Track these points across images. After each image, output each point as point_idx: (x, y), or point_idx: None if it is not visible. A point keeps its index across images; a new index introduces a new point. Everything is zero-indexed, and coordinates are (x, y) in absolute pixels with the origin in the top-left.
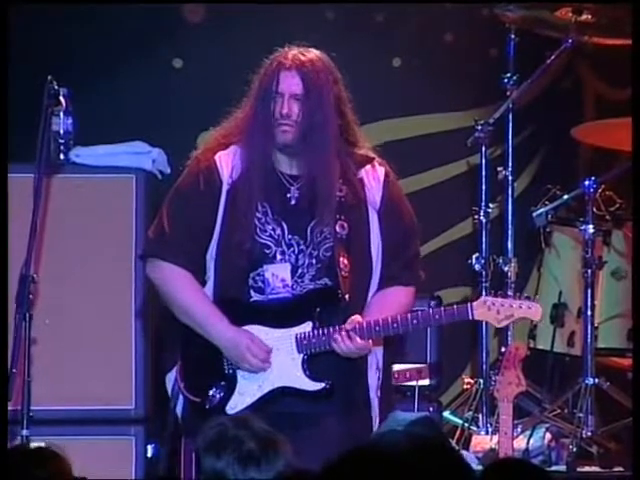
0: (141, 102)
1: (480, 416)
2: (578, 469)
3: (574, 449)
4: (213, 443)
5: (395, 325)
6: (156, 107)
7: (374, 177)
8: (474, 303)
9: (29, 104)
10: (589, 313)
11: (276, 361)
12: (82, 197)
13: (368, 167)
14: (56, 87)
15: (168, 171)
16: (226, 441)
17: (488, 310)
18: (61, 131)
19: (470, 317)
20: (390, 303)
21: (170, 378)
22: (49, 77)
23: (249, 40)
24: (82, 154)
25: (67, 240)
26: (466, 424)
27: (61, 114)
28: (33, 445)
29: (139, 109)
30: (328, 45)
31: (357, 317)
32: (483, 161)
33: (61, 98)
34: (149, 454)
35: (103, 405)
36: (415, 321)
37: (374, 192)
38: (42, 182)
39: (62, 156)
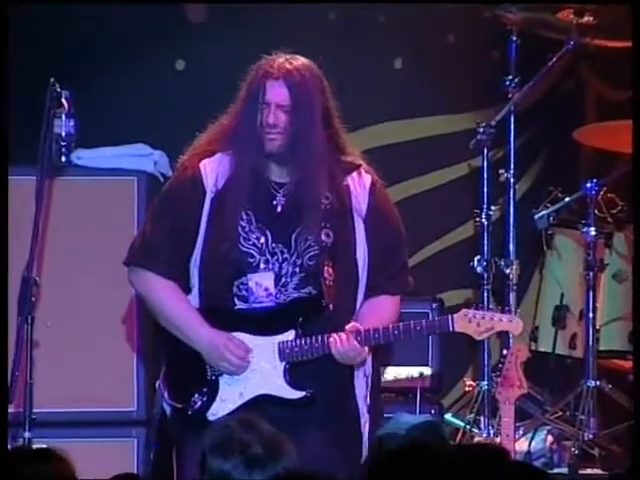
0: (143, 104)
1: (482, 418)
2: (580, 471)
3: (576, 451)
4: (220, 445)
5: (377, 336)
6: (158, 109)
7: (360, 184)
8: (455, 315)
9: (31, 106)
10: (591, 315)
11: (258, 368)
12: (84, 199)
13: (354, 174)
14: (58, 89)
15: (170, 173)
16: (233, 444)
17: (469, 323)
18: (63, 133)
19: (451, 329)
20: (375, 313)
21: (157, 383)
22: (51, 79)
23: (252, 42)
24: (84, 156)
25: (69, 242)
26: (468, 426)
27: (63, 116)
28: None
29: (141, 111)
30: (330, 46)
31: (357, 324)
32: (485, 163)
33: (63, 100)
34: (151, 456)
35: (105, 407)
36: (396, 332)
37: (360, 199)
38: (44, 184)
39: (64, 158)
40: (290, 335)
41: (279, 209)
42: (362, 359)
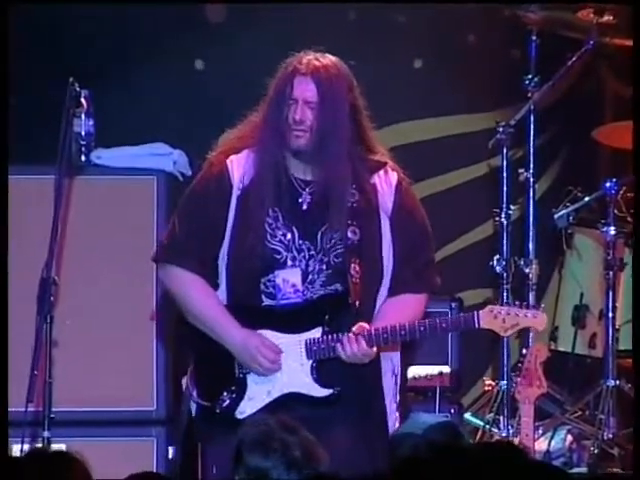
0: (163, 103)
1: (501, 418)
2: (599, 471)
3: (595, 451)
4: (260, 443)
5: (403, 332)
6: (178, 108)
7: (386, 182)
8: (480, 312)
9: (51, 106)
10: (610, 315)
11: (285, 366)
12: (103, 199)
13: (381, 172)
14: (77, 89)
15: (189, 173)
16: (274, 443)
17: (494, 319)
18: (83, 133)
19: (476, 326)
20: (399, 311)
21: (185, 381)
22: (70, 79)
23: (271, 41)
24: (103, 156)
25: (88, 242)
26: (487, 426)
27: (82, 116)
28: (54, 448)
29: (160, 110)
30: (349, 46)
31: (364, 324)
32: (504, 163)
33: (82, 100)
34: (170, 455)
35: (124, 406)
36: (422, 328)
37: (386, 198)
38: (63, 184)
39: (83, 157)
40: (317, 332)
41: (305, 207)
42: (370, 359)
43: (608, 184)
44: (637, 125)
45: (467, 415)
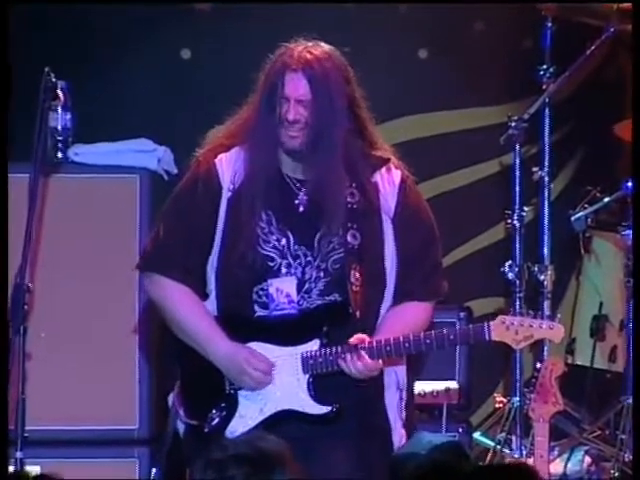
0: (146, 96)
1: (513, 437)
2: None
3: (616, 474)
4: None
5: (407, 345)
6: (162, 101)
7: (389, 181)
8: (491, 323)
9: (25, 98)
10: (632, 325)
11: (280, 382)
12: (81, 199)
13: (383, 170)
14: (54, 80)
15: (175, 171)
16: (212, 463)
17: (506, 330)
18: (59, 127)
19: (487, 338)
20: (404, 321)
21: (171, 399)
22: (46, 69)
23: (264, 29)
24: (82, 152)
25: (64, 246)
26: (498, 446)
27: (59, 109)
28: (30, 470)
29: (144, 103)
30: (348, 36)
31: (362, 336)
32: (517, 160)
33: (59, 92)
34: (153, 477)
35: (104, 425)
36: (428, 341)
37: (388, 198)
38: (38, 183)
39: (60, 154)
40: (314, 345)
41: (301, 208)
42: (377, 373)
43: (630, 183)
44: (636, 125)
45: (476, 434)
